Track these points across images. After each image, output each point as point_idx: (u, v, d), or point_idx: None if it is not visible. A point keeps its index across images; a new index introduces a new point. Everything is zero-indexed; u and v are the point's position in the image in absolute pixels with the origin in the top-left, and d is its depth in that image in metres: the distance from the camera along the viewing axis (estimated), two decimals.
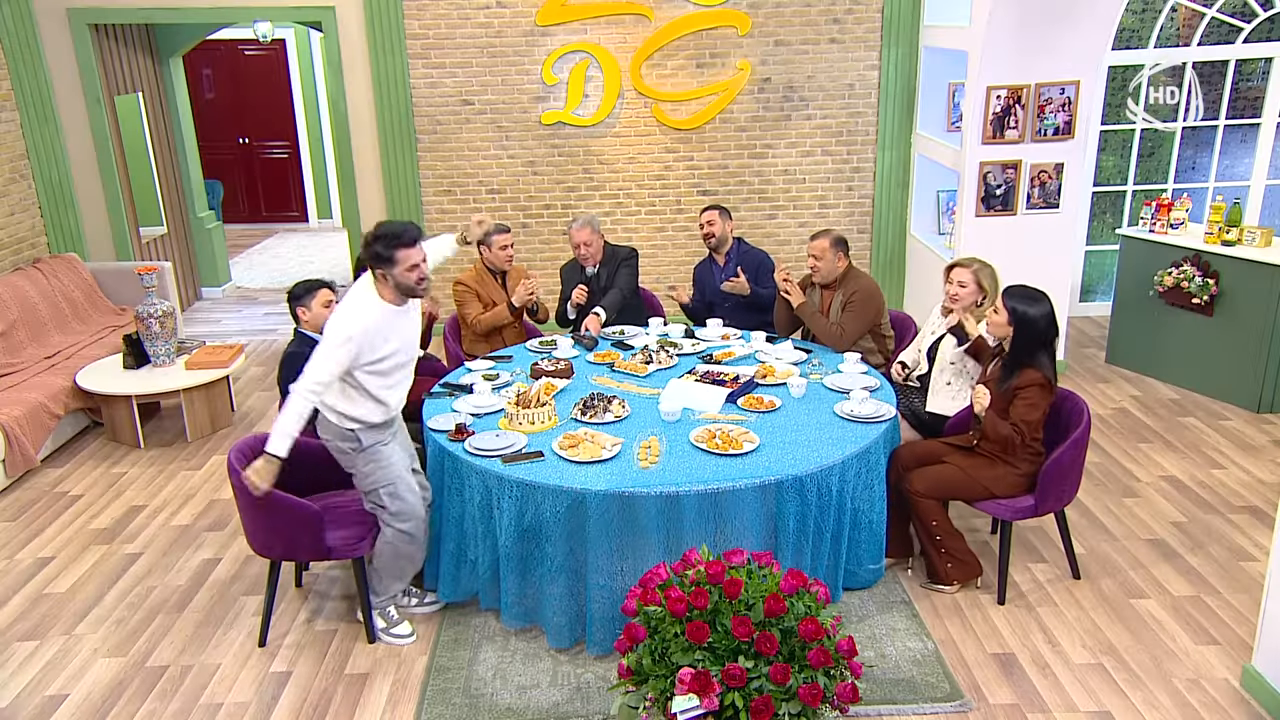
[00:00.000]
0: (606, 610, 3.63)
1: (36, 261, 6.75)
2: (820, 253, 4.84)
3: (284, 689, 3.67)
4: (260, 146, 11.68)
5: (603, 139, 7.28)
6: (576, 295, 5.39)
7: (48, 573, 4.51)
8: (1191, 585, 4.19)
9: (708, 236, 5.57)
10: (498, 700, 3.54)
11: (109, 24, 7.27)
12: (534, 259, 7.50)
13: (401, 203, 7.31)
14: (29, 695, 3.68)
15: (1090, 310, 7.74)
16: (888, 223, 7.50)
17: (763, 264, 5.57)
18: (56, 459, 5.70)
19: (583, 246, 5.42)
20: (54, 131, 7.01)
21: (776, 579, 2.97)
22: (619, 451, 3.74)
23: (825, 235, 4.86)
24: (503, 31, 7.02)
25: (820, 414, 4.10)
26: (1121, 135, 7.26)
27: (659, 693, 2.81)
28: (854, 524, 3.93)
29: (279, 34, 10.91)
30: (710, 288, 5.63)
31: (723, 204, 6.08)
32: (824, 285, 4.97)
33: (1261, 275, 5.68)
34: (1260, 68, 7.07)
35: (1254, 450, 5.43)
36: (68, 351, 6.29)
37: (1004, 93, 6.00)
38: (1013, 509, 3.97)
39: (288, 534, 3.71)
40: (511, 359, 4.94)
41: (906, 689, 3.55)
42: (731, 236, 5.63)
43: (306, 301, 4.40)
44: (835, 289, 4.92)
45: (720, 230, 5.53)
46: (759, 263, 5.57)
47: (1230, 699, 3.51)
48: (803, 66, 7.18)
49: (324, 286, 4.47)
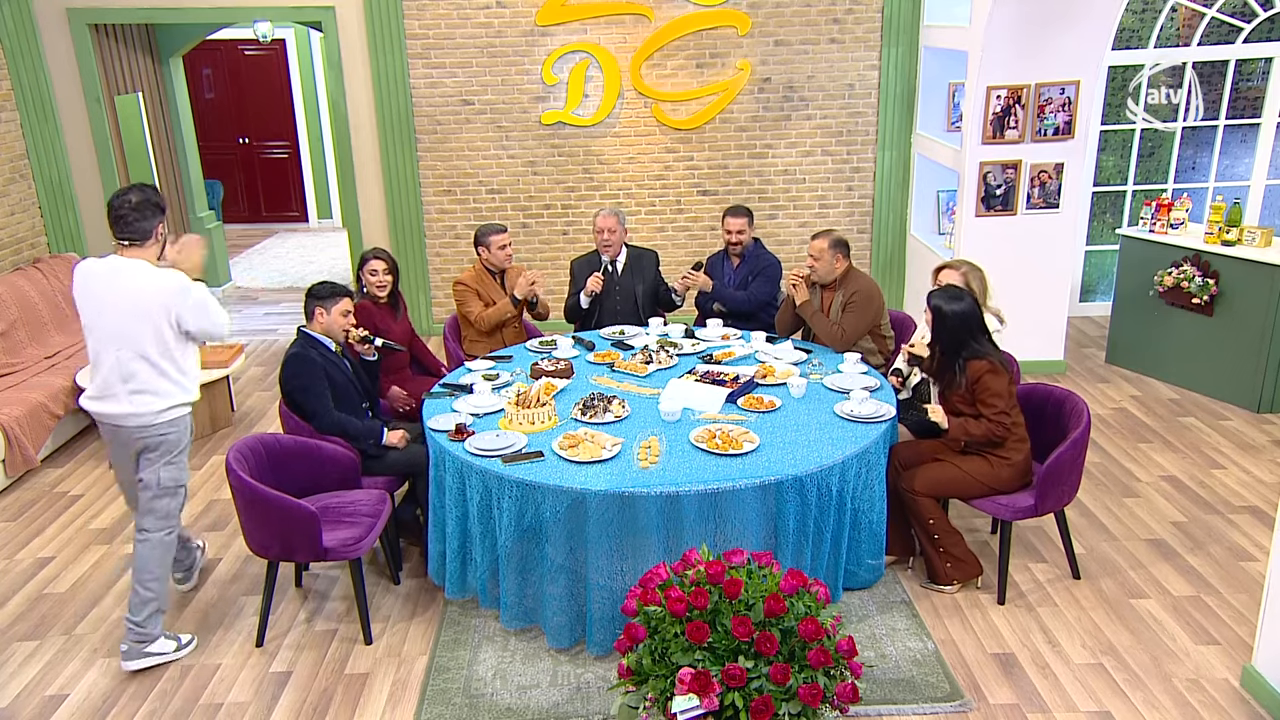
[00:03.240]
0: (606, 610, 3.63)
1: (36, 261, 6.75)
2: (819, 253, 4.84)
3: (284, 689, 3.67)
4: (260, 146, 11.68)
5: (603, 139, 7.28)
6: (592, 283, 5.40)
7: (48, 573, 4.51)
8: (1191, 585, 4.19)
9: (734, 244, 5.54)
10: (498, 700, 3.54)
11: (109, 24, 7.27)
12: (534, 259, 7.50)
13: (401, 203, 7.30)
14: (29, 695, 3.68)
15: (1090, 310, 7.75)
16: (888, 223, 7.50)
17: (766, 269, 5.56)
18: (56, 459, 5.70)
19: (606, 233, 5.44)
20: (54, 131, 7.01)
21: (776, 579, 2.97)
22: (619, 451, 3.74)
23: (825, 235, 4.86)
24: (503, 31, 7.02)
25: (820, 414, 4.10)
26: (1121, 135, 7.26)
27: (659, 693, 2.81)
28: (854, 524, 3.93)
29: (279, 34, 10.91)
30: (719, 281, 5.61)
31: (724, 203, 6.08)
32: (824, 285, 4.97)
33: (1261, 275, 5.68)
34: (1260, 68, 7.07)
35: (1254, 450, 5.43)
36: (68, 351, 6.29)
37: (1004, 93, 6.00)
38: (1013, 509, 3.97)
39: (285, 535, 3.71)
40: (511, 359, 4.94)
41: (906, 689, 3.55)
42: (751, 238, 5.63)
43: (328, 305, 4.25)
44: (835, 289, 4.92)
45: (747, 238, 5.54)
46: (764, 266, 5.56)
47: (1230, 699, 3.51)
48: (803, 66, 7.17)
49: (347, 295, 4.32)
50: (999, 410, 3.89)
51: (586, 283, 5.43)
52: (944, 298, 3.98)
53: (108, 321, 3.64)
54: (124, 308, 3.62)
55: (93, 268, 3.71)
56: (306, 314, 4.31)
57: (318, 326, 4.28)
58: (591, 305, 5.53)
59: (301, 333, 4.30)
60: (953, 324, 3.93)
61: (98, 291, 3.66)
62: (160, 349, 3.66)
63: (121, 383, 3.66)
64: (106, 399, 3.69)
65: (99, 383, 3.70)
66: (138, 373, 3.65)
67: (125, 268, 3.66)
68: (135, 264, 3.66)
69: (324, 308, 4.25)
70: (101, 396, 3.70)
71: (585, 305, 5.52)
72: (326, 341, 4.29)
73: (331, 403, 4.18)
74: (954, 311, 3.92)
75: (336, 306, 4.26)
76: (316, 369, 4.18)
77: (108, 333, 3.64)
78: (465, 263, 7.39)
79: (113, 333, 3.64)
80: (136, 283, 3.63)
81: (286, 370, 4.22)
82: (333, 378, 4.23)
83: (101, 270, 3.69)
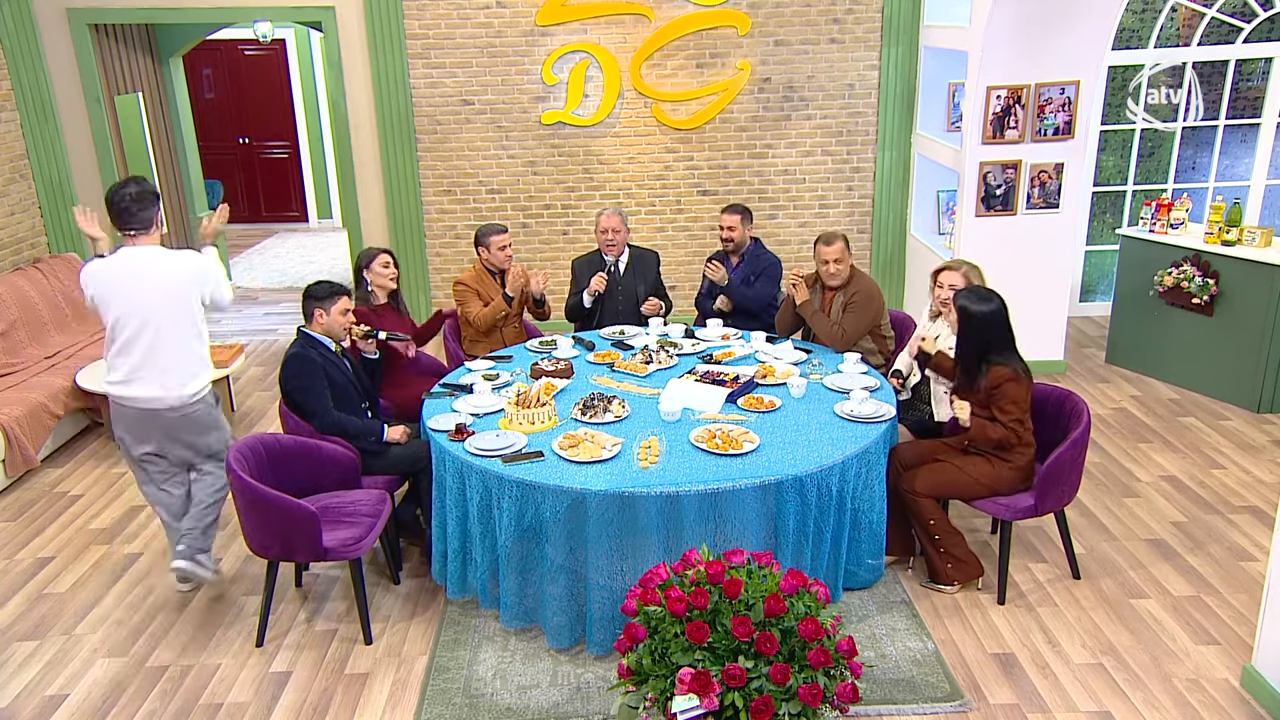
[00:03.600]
0: (606, 610, 3.63)
1: (36, 261, 6.75)
2: (840, 255, 4.82)
3: (284, 689, 3.67)
4: (260, 146, 11.68)
5: (603, 139, 7.28)
6: (596, 282, 5.41)
7: (48, 573, 4.51)
8: (1191, 585, 4.19)
9: (726, 240, 5.54)
10: (498, 700, 3.54)
11: (109, 24, 7.27)
12: (534, 259, 7.50)
13: (401, 203, 7.30)
14: (29, 695, 3.68)
15: (1090, 310, 7.74)
16: (888, 223, 7.49)
17: (768, 269, 5.56)
18: (56, 459, 5.70)
19: (610, 233, 5.45)
20: (54, 131, 7.01)
21: (776, 579, 2.97)
22: (619, 451, 3.74)
23: (839, 238, 4.85)
24: (503, 31, 7.02)
25: (820, 414, 4.10)
26: (1121, 135, 7.26)
27: (659, 693, 2.81)
28: (854, 524, 3.93)
29: (279, 34, 10.91)
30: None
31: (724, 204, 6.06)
32: (826, 286, 4.96)
33: (1261, 275, 5.68)
34: (1260, 68, 7.07)
35: (1254, 450, 5.43)
36: (68, 351, 6.29)
37: (1004, 93, 6.00)
38: (1013, 509, 3.97)
39: (284, 535, 3.71)
40: (511, 359, 4.94)
41: (906, 689, 3.55)
42: (749, 238, 5.62)
43: (327, 305, 4.23)
44: (837, 289, 4.92)
45: (740, 235, 5.52)
46: (765, 267, 5.55)
47: (1230, 699, 3.51)
48: (803, 66, 7.17)
49: (346, 294, 4.31)
50: (1015, 418, 3.88)
51: (590, 282, 5.44)
52: (972, 298, 3.94)
53: (141, 309, 3.82)
54: (157, 292, 3.82)
55: (107, 266, 3.87)
56: (305, 315, 4.30)
57: (318, 327, 4.27)
58: (593, 305, 5.53)
59: (301, 333, 4.30)
60: (979, 325, 3.90)
61: (123, 285, 3.81)
62: (191, 326, 3.94)
63: (154, 366, 3.86)
64: (135, 383, 3.88)
65: (126, 369, 3.87)
66: (171, 354, 3.87)
67: (146, 256, 3.85)
68: (152, 250, 3.87)
69: (323, 308, 4.24)
70: (129, 380, 3.89)
71: (588, 305, 5.52)
72: (326, 341, 4.29)
73: (331, 403, 4.18)
74: (981, 313, 3.89)
75: (335, 306, 4.25)
76: (316, 369, 4.18)
77: (143, 320, 3.83)
78: (465, 263, 7.39)
79: (146, 319, 3.83)
80: (165, 268, 3.85)
81: (286, 370, 4.22)
82: (332, 378, 4.23)
83: (119, 265, 3.84)
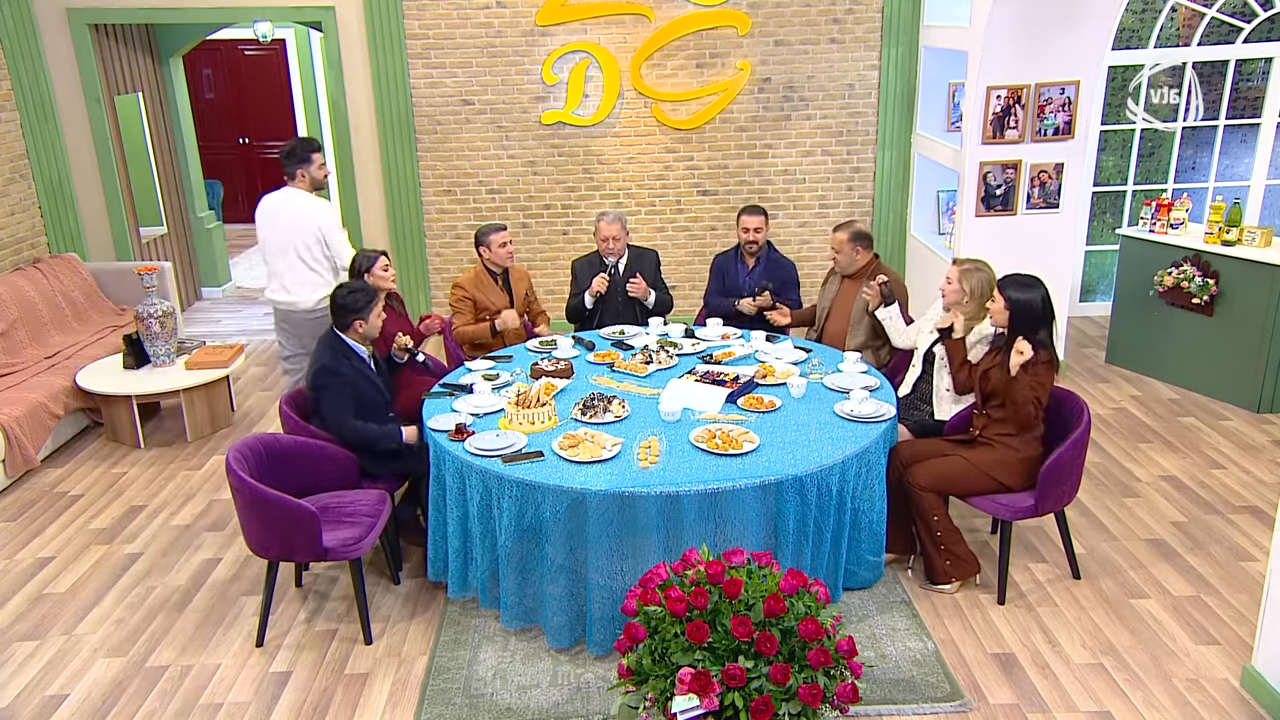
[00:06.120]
0: (606, 610, 3.63)
1: (36, 261, 6.75)
2: (839, 245, 5.06)
3: (284, 689, 3.67)
4: (260, 146, 11.68)
5: (603, 139, 7.28)
6: (598, 284, 5.43)
7: (48, 573, 4.51)
8: (1191, 585, 4.19)
9: (750, 242, 5.50)
10: (498, 700, 3.54)
11: (109, 24, 7.27)
12: (534, 259, 7.50)
13: (401, 203, 7.31)
14: (29, 695, 3.68)
15: (1090, 310, 7.74)
16: (888, 223, 7.49)
17: (789, 276, 5.55)
18: (56, 459, 5.70)
19: (611, 240, 5.46)
20: (54, 131, 7.01)
21: (776, 579, 2.97)
22: (619, 451, 3.74)
23: (845, 228, 5.07)
24: (503, 31, 7.02)
25: (820, 414, 4.10)
26: (1121, 135, 7.26)
27: (659, 693, 2.81)
28: (854, 524, 3.93)
29: (279, 34, 10.90)
30: (732, 282, 5.60)
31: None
32: (847, 276, 5.10)
33: (1261, 275, 5.68)
34: (1260, 68, 7.07)
35: (1254, 450, 5.43)
36: (68, 351, 6.29)
37: (1004, 93, 6.00)
38: (1013, 509, 3.97)
39: (284, 534, 3.71)
40: (511, 359, 4.94)
41: (906, 689, 3.55)
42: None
43: (365, 314, 4.25)
44: (859, 280, 5.02)
45: (764, 237, 5.53)
46: (786, 274, 5.55)
47: (1230, 699, 3.51)
48: (803, 66, 7.17)
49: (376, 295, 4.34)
50: (1038, 395, 3.95)
51: (592, 283, 5.45)
52: (1017, 287, 4.02)
53: (278, 235, 5.13)
54: (291, 223, 5.11)
55: (270, 198, 5.23)
56: (341, 327, 4.27)
57: (354, 335, 4.28)
58: (594, 305, 5.53)
59: (334, 335, 4.28)
60: (1039, 308, 3.99)
61: (270, 213, 5.19)
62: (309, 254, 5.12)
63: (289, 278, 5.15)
64: (278, 290, 5.21)
65: (275, 285, 5.22)
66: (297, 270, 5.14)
67: (290, 196, 5.15)
68: (295, 193, 5.15)
69: (362, 318, 4.26)
70: (274, 289, 5.23)
71: (590, 306, 5.52)
72: (359, 349, 4.30)
73: (353, 415, 4.19)
74: (1038, 298, 3.99)
75: (374, 309, 4.31)
76: (344, 384, 4.19)
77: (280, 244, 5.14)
78: (465, 263, 7.39)
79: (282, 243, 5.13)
80: (297, 205, 5.13)
81: (316, 379, 4.21)
82: (360, 390, 4.23)
83: (276, 199, 5.20)
